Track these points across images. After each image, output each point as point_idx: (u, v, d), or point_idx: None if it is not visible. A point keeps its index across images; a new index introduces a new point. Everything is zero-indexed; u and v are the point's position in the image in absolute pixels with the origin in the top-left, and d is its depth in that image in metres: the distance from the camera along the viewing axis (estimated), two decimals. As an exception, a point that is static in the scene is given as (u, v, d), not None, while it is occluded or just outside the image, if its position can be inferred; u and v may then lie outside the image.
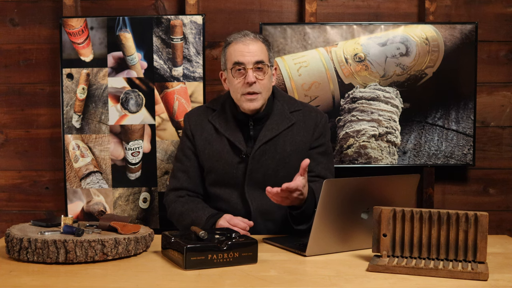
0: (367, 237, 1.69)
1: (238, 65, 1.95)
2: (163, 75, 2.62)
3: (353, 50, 2.65)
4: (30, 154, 2.81)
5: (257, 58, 1.94)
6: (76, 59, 2.62)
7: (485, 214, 1.48)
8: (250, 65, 1.94)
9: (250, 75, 1.93)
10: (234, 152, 2.00)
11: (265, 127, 2.01)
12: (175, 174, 2.11)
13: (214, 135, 2.05)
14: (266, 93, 1.99)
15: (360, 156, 2.67)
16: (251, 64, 1.94)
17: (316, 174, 2.03)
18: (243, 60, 1.94)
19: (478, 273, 1.43)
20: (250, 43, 1.96)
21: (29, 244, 1.55)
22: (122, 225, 1.69)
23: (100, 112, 2.63)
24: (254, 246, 1.57)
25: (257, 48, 1.96)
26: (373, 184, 1.70)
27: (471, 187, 2.83)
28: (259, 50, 1.96)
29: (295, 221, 1.87)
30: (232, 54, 1.97)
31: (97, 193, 2.65)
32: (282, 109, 2.05)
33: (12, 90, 2.80)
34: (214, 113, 2.07)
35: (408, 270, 1.48)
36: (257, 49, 1.95)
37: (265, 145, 1.99)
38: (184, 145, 2.11)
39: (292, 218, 1.87)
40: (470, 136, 2.67)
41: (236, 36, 1.99)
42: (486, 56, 2.77)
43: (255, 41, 1.97)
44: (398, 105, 2.66)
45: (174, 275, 1.47)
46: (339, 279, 1.44)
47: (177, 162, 2.12)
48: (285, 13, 2.79)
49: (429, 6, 2.70)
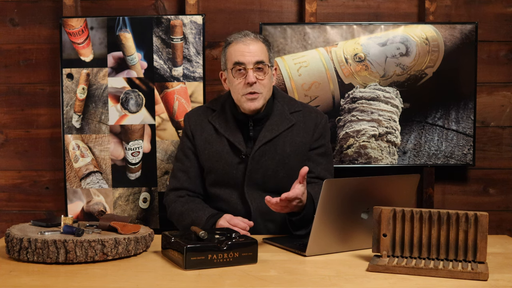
0: (367, 237, 1.69)
1: (239, 65, 1.95)
2: (163, 75, 2.62)
3: (353, 50, 2.65)
4: (30, 154, 2.81)
5: (258, 58, 1.94)
6: (76, 59, 2.62)
7: (485, 214, 1.48)
8: (251, 65, 1.94)
9: (251, 76, 1.93)
10: (234, 152, 2.00)
11: (265, 127, 2.01)
12: (175, 174, 2.11)
13: (214, 135, 2.05)
14: (266, 93, 1.99)
15: (360, 156, 2.67)
16: (251, 64, 1.94)
17: (316, 175, 2.03)
18: (243, 60, 1.94)
19: (478, 273, 1.43)
20: (250, 43, 1.96)
21: (29, 244, 1.55)
22: (122, 225, 1.69)
23: (100, 112, 2.63)
24: (254, 246, 1.57)
25: (258, 48, 1.96)
26: (373, 184, 1.70)
27: (471, 187, 2.83)
28: (260, 50, 1.96)
29: (294, 226, 1.86)
30: (232, 54, 1.97)
31: (97, 193, 2.65)
32: (282, 110, 2.05)
33: (12, 90, 2.80)
34: (214, 113, 2.07)
35: (408, 270, 1.48)
36: (257, 49, 1.95)
37: (264, 146, 1.99)
38: (184, 145, 2.11)
39: (291, 224, 1.87)
40: (470, 136, 2.67)
41: (236, 36, 1.99)
42: (486, 56, 2.77)
43: (255, 41, 1.97)
44: (398, 105, 2.66)
45: (174, 275, 1.47)
46: (339, 279, 1.44)
47: (177, 162, 2.12)
48: (285, 13, 2.79)
49: (429, 6, 2.70)
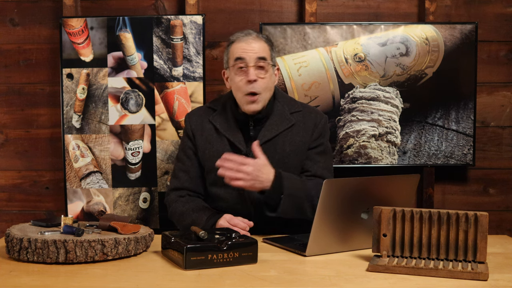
0: (367, 237, 1.69)
1: (240, 61, 1.96)
2: (163, 75, 2.62)
3: (353, 50, 2.65)
4: (30, 154, 2.81)
5: (259, 55, 1.96)
6: (76, 59, 2.62)
7: (485, 214, 1.48)
8: (252, 62, 1.95)
9: (252, 73, 1.95)
10: (234, 152, 2.00)
11: (264, 127, 2.02)
12: (176, 174, 2.12)
13: (214, 135, 2.05)
14: (266, 94, 1.99)
15: (360, 156, 2.67)
16: (252, 61, 1.95)
17: (313, 173, 2.04)
18: (244, 56, 1.96)
19: (478, 273, 1.43)
20: (252, 42, 1.98)
21: (29, 244, 1.55)
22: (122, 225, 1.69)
23: (100, 112, 2.63)
24: (254, 246, 1.57)
25: (259, 46, 1.98)
26: (373, 184, 1.70)
27: (471, 187, 2.83)
28: (261, 48, 1.98)
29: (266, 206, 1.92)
30: (234, 51, 1.99)
31: (97, 193, 2.65)
32: (282, 110, 2.06)
33: (12, 90, 2.80)
34: (215, 113, 2.08)
35: (408, 270, 1.48)
36: (259, 47, 1.98)
37: (264, 145, 2.00)
38: (185, 145, 2.11)
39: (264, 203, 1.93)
40: (470, 136, 2.67)
41: (239, 35, 2.02)
42: (486, 56, 2.77)
43: (257, 40, 2.00)
44: (398, 105, 2.66)
45: (174, 275, 1.47)
46: (339, 279, 1.44)
47: (178, 162, 2.13)
48: (285, 13, 2.79)
49: (429, 6, 2.70)
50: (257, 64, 1.96)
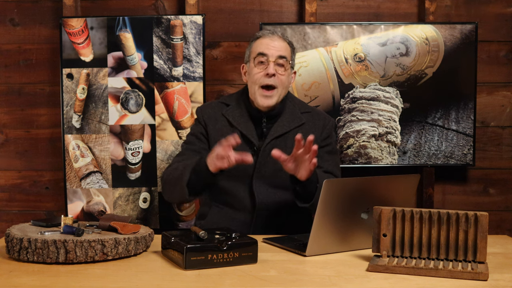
0: (367, 237, 1.69)
1: (262, 56, 2.01)
2: (163, 75, 2.62)
3: (353, 50, 2.65)
4: (30, 154, 2.81)
5: (281, 53, 2.01)
6: (76, 59, 2.62)
7: (485, 214, 1.48)
8: (273, 58, 2.00)
9: (271, 67, 1.99)
10: (246, 145, 2.02)
11: (276, 123, 2.07)
12: (182, 153, 2.10)
13: (227, 127, 2.08)
14: (282, 90, 2.04)
15: (360, 156, 2.67)
16: (274, 57, 2.00)
17: (324, 170, 2.07)
18: (267, 52, 2.01)
19: (478, 273, 1.43)
20: (276, 40, 2.04)
21: (29, 244, 1.55)
22: (122, 225, 1.69)
23: (100, 112, 2.63)
24: (254, 246, 1.57)
25: (283, 45, 2.04)
26: (373, 184, 1.70)
27: (471, 187, 2.83)
28: (284, 47, 2.04)
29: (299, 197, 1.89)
30: (257, 46, 2.05)
31: (97, 193, 2.65)
32: (293, 109, 2.11)
33: (12, 90, 2.80)
34: (228, 108, 2.11)
35: (408, 270, 1.48)
36: (282, 46, 2.03)
37: (275, 140, 2.03)
38: (197, 131, 2.11)
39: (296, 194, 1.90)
40: (470, 136, 2.67)
41: (265, 32, 2.08)
42: (486, 56, 2.77)
43: (282, 40, 2.05)
44: (398, 105, 2.66)
45: (174, 275, 1.47)
46: (339, 279, 1.44)
47: (187, 144, 2.11)
48: (285, 13, 2.79)
49: (429, 6, 2.70)
50: (278, 61, 2.01)
